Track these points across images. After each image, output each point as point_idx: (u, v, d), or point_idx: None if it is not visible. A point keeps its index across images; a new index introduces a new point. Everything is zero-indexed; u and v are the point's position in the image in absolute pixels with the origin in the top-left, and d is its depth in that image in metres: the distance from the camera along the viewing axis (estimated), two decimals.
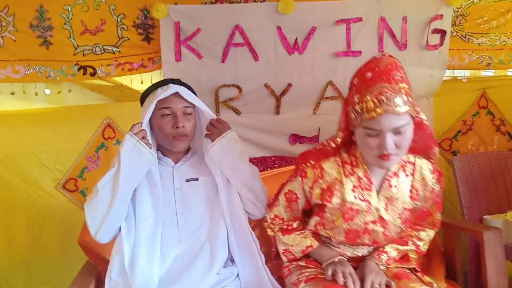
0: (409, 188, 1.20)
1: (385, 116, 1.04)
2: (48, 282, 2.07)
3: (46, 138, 2.02)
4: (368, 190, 1.18)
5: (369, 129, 1.07)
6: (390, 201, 1.19)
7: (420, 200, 1.22)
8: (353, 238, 1.21)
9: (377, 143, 1.07)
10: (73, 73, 1.94)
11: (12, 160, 2.00)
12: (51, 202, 2.06)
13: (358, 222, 1.19)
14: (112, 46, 1.96)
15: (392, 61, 1.08)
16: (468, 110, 2.38)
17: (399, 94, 1.04)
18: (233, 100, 2.06)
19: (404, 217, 1.20)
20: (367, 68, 1.09)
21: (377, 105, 1.04)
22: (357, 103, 1.07)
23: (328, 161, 1.21)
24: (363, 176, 1.18)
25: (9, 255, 2.05)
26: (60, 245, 2.07)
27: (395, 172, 1.19)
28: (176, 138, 1.34)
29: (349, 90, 1.16)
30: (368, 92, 1.05)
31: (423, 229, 1.31)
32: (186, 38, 1.93)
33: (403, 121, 1.06)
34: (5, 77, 1.90)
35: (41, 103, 2.06)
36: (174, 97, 1.35)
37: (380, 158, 1.09)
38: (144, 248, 1.26)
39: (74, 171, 2.06)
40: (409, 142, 1.10)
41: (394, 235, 1.23)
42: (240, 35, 1.95)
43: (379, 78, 1.05)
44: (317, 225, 1.26)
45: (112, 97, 2.12)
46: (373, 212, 1.18)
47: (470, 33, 2.23)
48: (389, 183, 1.19)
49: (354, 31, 2.02)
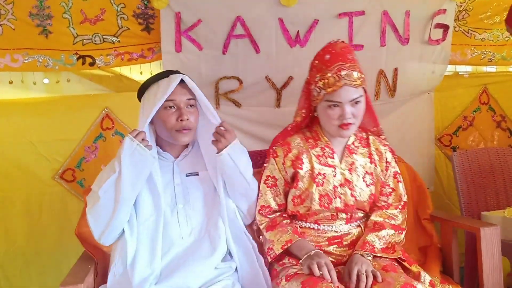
0: (367, 155, 1.40)
1: (344, 89, 1.25)
2: (45, 272, 2.09)
3: (44, 128, 2.02)
4: (331, 158, 1.37)
5: (331, 101, 1.27)
6: (352, 165, 1.37)
7: (378, 165, 1.39)
8: (326, 203, 1.33)
9: (338, 114, 1.28)
10: (72, 63, 1.94)
11: (9, 149, 2.01)
12: (48, 192, 2.07)
13: (327, 187, 1.34)
14: (112, 36, 1.95)
15: (345, 45, 1.32)
16: (469, 105, 2.41)
17: (355, 71, 1.26)
18: (233, 92, 2.06)
19: (368, 181, 1.37)
20: (325, 51, 1.31)
21: (337, 80, 1.24)
22: (319, 80, 1.27)
23: (292, 138, 1.40)
24: (325, 147, 1.38)
25: (6, 244, 2.06)
26: (57, 235, 2.09)
27: (353, 142, 1.40)
28: (180, 131, 1.33)
29: (309, 71, 1.36)
30: (329, 70, 1.26)
31: (390, 206, 1.41)
32: (187, 29, 1.93)
33: (358, 93, 1.27)
34: (3, 65, 1.89)
35: (39, 92, 2.06)
36: (177, 89, 1.32)
37: (341, 128, 1.29)
38: (146, 248, 1.27)
39: (71, 161, 2.07)
40: (363, 112, 1.32)
41: (364, 199, 1.36)
42: (241, 27, 1.95)
43: (337, 59, 1.27)
44: (294, 199, 1.36)
45: (111, 88, 2.13)
46: (338, 176, 1.35)
47: (473, 28, 2.24)
48: (349, 150, 1.38)
49: (356, 25, 2.03)
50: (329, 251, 1.33)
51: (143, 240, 1.28)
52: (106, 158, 2.04)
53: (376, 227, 1.35)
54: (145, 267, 1.24)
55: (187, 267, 1.26)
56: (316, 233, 1.36)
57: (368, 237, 1.32)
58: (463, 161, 2.13)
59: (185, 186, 1.36)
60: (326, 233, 1.35)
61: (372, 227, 1.36)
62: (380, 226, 1.35)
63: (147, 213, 1.31)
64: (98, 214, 1.25)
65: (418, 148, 2.31)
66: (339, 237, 1.35)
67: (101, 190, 1.23)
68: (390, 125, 2.25)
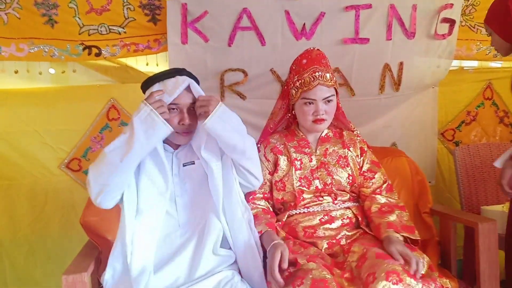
0: (340, 142, 1.57)
1: (318, 88, 1.44)
2: (50, 260, 2.15)
3: (50, 118, 2.06)
4: (307, 147, 1.54)
5: (306, 99, 1.46)
6: (326, 151, 1.54)
7: (352, 150, 1.55)
8: (307, 185, 1.49)
9: (313, 110, 1.46)
10: (78, 53, 1.97)
11: (15, 138, 2.05)
12: (54, 181, 2.12)
13: (305, 171, 1.51)
14: (118, 27, 1.98)
15: (320, 52, 1.51)
16: (473, 100, 2.44)
17: (327, 73, 1.46)
18: (238, 85, 2.10)
19: (343, 164, 1.52)
20: (303, 57, 1.51)
21: (312, 80, 1.44)
22: (297, 80, 1.47)
23: (272, 135, 1.60)
24: (301, 140, 1.56)
25: (11, 232, 2.12)
26: (63, 224, 2.14)
27: (326, 134, 1.58)
28: (181, 133, 1.38)
29: (289, 74, 1.57)
30: (305, 72, 1.45)
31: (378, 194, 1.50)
32: (193, 20, 1.95)
33: (330, 93, 1.46)
34: (8, 55, 1.91)
35: (45, 82, 2.08)
36: (182, 93, 1.35)
37: (315, 123, 1.47)
38: (145, 236, 1.31)
39: (77, 151, 2.11)
40: (334, 110, 1.51)
41: (342, 180, 1.49)
42: (247, 19, 1.98)
43: (312, 63, 1.47)
44: (276, 184, 1.50)
45: (117, 78, 2.15)
46: (314, 161, 1.52)
47: (479, 23, 2.26)
48: (322, 139, 1.57)
49: (363, 18, 2.06)
50: (322, 236, 1.40)
51: (143, 230, 1.32)
52: None
53: (383, 211, 1.43)
54: (143, 256, 1.28)
55: (185, 256, 1.31)
56: (308, 217, 1.45)
57: (385, 219, 1.39)
58: (464, 155, 2.18)
59: (181, 175, 1.41)
60: (317, 215, 1.45)
61: (380, 213, 1.43)
62: (388, 210, 1.43)
63: (150, 203, 1.35)
64: (100, 171, 1.26)
65: (421, 142, 2.36)
66: (330, 216, 1.44)
67: (108, 148, 1.26)
68: (394, 118, 2.29)
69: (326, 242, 1.38)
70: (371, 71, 2.17)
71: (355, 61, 2.12)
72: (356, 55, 2.10)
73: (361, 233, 1.43)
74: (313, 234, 1.42)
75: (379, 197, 1.49)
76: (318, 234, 1.41)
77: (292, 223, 1.46)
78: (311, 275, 1.17)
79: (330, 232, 1.41)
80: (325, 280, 1.15)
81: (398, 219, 1.39)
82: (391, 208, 1.44)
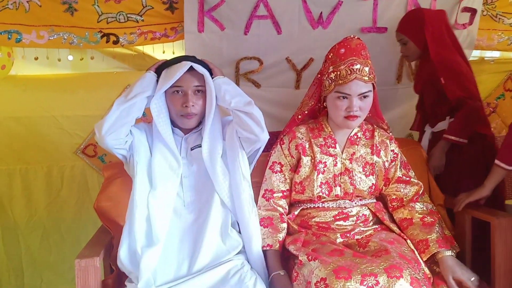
0: (370, 146, 1.52)
1: (355, 82, 1.38)
2: (64, 243, 2.28)
3: (67, 104, 2.17)
4: (334, 148, 1.50)
5: (340, 93, 1.41)
6: (353, 156, 1.50)
7: (382, 156, 1.51)
8: (327, 191, 1.47)
9: (346, 106, 1.41)
10: (96, 40, 2.07)
11: (33, 123, 2.16)
12: (69, 166, 2.24)
13: (328, 175, 1.48)
14: (136, 15, 2.07)
15: (360, 42, 1.44)
16: (493, 92, 2.47)
17: (366, 66, 1.39)
18: (253, 73, 2.19)
19: (368, 171, 1.49)
20: (341, 45, 1.44)
21: (349, 73, 1.38)
22: (332, 71, 1.41)
23: (298, 127, 1.55)
24: (328, 137, 1.51)
25: (27, 215, 2.25)
26: (77, 208, 2.27)
27: (356, 133, 1.52)
28: (185, 116, 1.48)
29: (324, 63, 1.50)
30: (342, 63, 1.39)
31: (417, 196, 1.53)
32: (210, 9, 2.04)
33: (367, 88, 1.41)
34: (29, 42, 2.03)
35: (64, 69, 2.21)
36: (186, 76, 1.45)
37: (347, 119, 1.42)
38: (160, 211, 1.41)
39: (93, 137, 2.19)
40: (369, 107, 1.45)
41: (363, 188, 1.48)
42: (264, 7, 2.06)
43: (351, 53, 1.41)
44: (295, 185, 1.50)
45: (133, 66, 2.26)
46: (339, 166, 1.49)
47: (502, 12, 2.28)
48: (351, 141, 1.51)
49: (381, 7, 2.12)
50: (335, 229, 1.45)
51: (158, 203, 1.41)
52: None
53: (426, 223, 1.45)
54: (159, 230, 1.37)
55: (193, 238, 1.40)
56: (322, 212, 1.48)
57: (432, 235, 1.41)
58: None
59: (189, 159, 1.52)
60: (331, 211, 1.47)
61: (424, 225, 1.45)
62: (431, 221, 1.46)
63: (163, 176, 1.45)
64: (109, 115, 1.43)
65: None
66: (345, 213, 1.47)
67: (116, 101, 1.45)
68: (410, 109, 2.33)
69: (339, 234, 1.43)
70: (388, 61, 2.22)
71: (372, 50, 2.15)
72: (374, 44, 2.13)
73: (377, 229, 1.47)
74: (326, 228, 1.46)
75: (418, 206, 1.50)
76: (331, 227, 1.46)
77: (305, 217, 1.51)
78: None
79: (344, 227, 1.46)
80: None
81: (441, 231, 1.43)
82: (433, 219, 1.46)
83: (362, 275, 1.15)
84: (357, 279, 1.15)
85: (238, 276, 1.30)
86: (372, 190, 1.51)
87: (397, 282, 1.14)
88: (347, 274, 1.16)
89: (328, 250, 1.31)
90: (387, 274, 1.16)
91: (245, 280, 1.29)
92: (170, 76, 1.44)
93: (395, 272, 1.16)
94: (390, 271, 1.17)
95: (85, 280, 1.31)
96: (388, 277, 1.15)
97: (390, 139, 1.55)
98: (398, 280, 1.15)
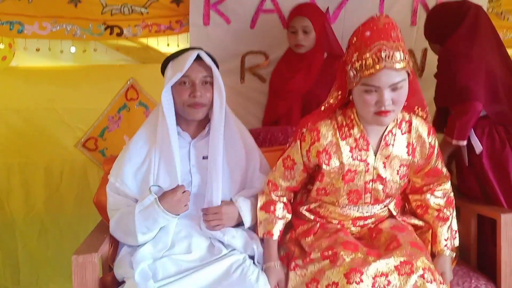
0: (406, 145, 1.34)
1: (384, 72, 1.16)
2: (62, 239, 2.30)
3: (69, 96, 2.20)
4: (366, 150, 1.31)
5: (368, 86, 1.19)
6: (387, 159, 1.32)
7: (417, 155, 1.35)
8: (355, 199, 1.36)
9: (375, 100, 1.20)
10: (99, 32, 2.11)
11: (33, 115, 2.19)
12: (70, 159, 2.26)
13: (358, 182, 1.33)
14: (141, 7, 2.11)
15: (389, 20, 1.21)
16: None
17: (397, 51, 1.16)
18: (259, 67, 2.23)
19: (402, 173, 1.35)
20: (366, 27, 1.21)
21: (376, 62, 1.16)
22: (356, 60, 1.19)
23: (324, 123, 1.33)
24: (360, 137, 1.31)
25: (25, 209, 2.28)
26: (77, 202, 2.29)
27: (390, 130, 1.32)
28: (192, 106, 1.44)
29: (347, 49, 1.28)
30: (368, 50, 1.17)
31: (438, 186, 1.45)
32: (216, 2, 2.09)
33: (400, 77, 1.19)
34: (31, 33, 2.07)
35: (66, 61, 2.25)
36: (193, 66, 1.43)
37: (378, 115, 1.21)
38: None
39: (94, 130, 2.26)
40: (405, 99, 1.24)
41: (394, 192, 1.38)
42: (271, 2, 2.11)
43: (378, 36, 1.18)
44: (318, 191, 1.38)
45: (137, 58, 2.31)
46: (371, 172, 1.32)
47: (507, 10, 2.34)
48: (386, 141, 1.32)
49: (388, 3, 2.17)
50: (350, 231, 1.42)
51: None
52: (129, 128, 2.21)
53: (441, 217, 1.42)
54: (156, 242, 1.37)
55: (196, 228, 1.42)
56: (341, 211, 1.41)
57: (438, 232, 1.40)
58: None
59: (199, 166, 1.48)
60: (351, 214, 1.41)
61: (438, 219, 1.42)
62: (441, 220, 1.42)
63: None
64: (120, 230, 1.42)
65: None
66: (365, 218, 1.42)
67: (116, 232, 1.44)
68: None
69: (351, 223, 1.41)
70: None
71: None
72: None
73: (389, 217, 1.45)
74: (343, 226, 1.42)
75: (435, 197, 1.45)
76: (348, 228, 1.42)
77: (321, 212, 1.44)
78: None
79: (359, 230, 1.43)
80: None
81: (451, 229, 1.43)
82: (450, 212, 1.43)
83: (373, 277, 1.17)
84: (368, 282, 1.16)
85: (240, 270, 1.31)
86: (402, 190, 1.43)
87: (408, 281, 1.16)
88: (359, 277, 1.16)
89: (342, 240, 1.30)
90: (398, 271, 1.17)
91: (247, 274, 1.30)
92: (179, 67, 1.44)
93: (406, 269, 1.18)
94: (401, 268, 1.18)
95: (82, 277, 1.27)
96: (399, 275, 1.17)
97: (428, 132, 1.36)
98: (409, 277, 1.16)
